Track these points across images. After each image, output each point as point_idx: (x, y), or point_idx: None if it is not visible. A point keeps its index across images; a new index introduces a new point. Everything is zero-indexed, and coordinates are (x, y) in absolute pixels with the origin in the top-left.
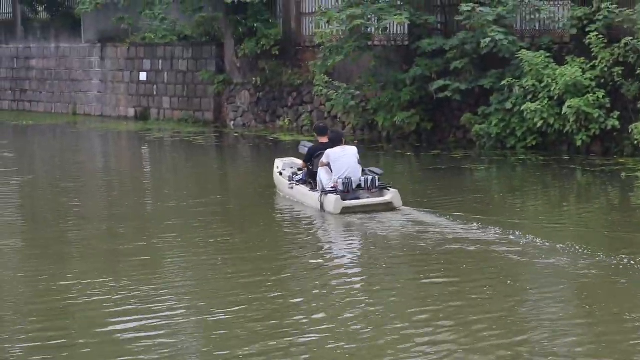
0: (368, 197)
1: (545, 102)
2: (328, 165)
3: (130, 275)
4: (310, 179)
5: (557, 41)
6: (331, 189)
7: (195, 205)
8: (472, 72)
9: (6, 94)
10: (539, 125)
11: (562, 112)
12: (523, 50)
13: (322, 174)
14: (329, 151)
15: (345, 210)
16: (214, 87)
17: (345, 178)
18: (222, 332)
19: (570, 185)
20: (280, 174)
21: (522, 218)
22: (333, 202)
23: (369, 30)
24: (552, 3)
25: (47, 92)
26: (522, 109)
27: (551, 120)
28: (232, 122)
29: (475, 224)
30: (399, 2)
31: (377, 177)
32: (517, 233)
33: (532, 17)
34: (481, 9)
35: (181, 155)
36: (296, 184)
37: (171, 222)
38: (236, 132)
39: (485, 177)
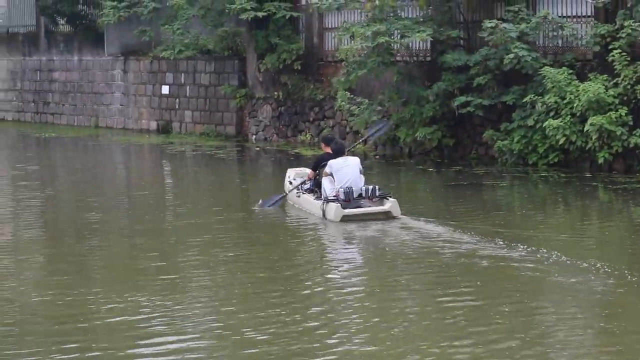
0: (369, 206)
1: (568, 119)
2: (331, 175)
3: (154, 293)
4: (316, 188)
5: (580, 58)
6: (333, 198)
7: (217, 221)
8: (495, 89)
9: (29, 106)
10: (561, 142)
11: (585, 130)
12: (546, 66)
13: (325, 183)
14: (331, 162)
15: (345, 218)
16: (236, 101)
17: (347, 187)
18: (254, 350)
19: (593, 203)
20: (290, 183)
21: (544, 235)
22: (334, 210)
23: (392, 46)
24: (575, 20)
25: (70, 105)
26: (544, 125)
27: (573, 137)
28: (254, 136)
29: (498, 241)
30: (422, 19)
31: (377, 187)
32: (541, 250)
33: (555, 34)
34: (504, 25)
35: (203, 169)
36: (303, 193)
37: (194, 238)
38: (257, 146)
39: (507, 194)
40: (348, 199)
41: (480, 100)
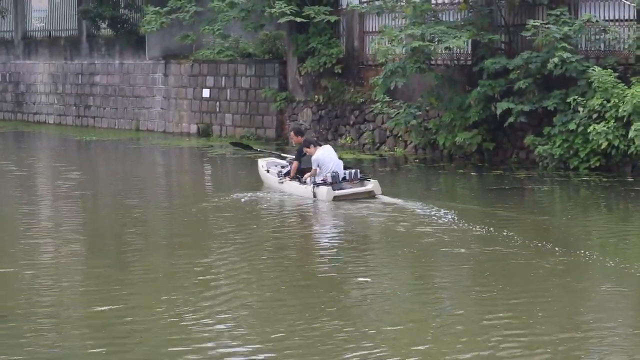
0: (351, 187)
1: (612, 123)
2: (317, 167)
3: (193, 300)
4: (298, 175)
5: (622, 62)
6: (321, 182)
7: (256, 225)
8: (536, 93)
9: (71, 109)
10: (603, 146)
11: (629, 136)
12: (595, 67)
13: (315, 174)
14: (317, 157)
15: (335, 198)
16: (276, 105)
17: (333, 172)
18: None
19: (635, 207)
20: (268, 171)
21: (588, 239)
22: (325, 192)
23: (429, 50)
24: (617, 24)
25: (111, 108)
26: (588, 130)
27: (616, 142)
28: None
29: (543, 244)
30: (462, 22)
31: (358, 170)
32: (585, 253)
33: (598, 37)
34: (549, 26)
35: (242, 172)
36: (285, 180)
37: (233, 242)
38: None
39: (549, 198)
40: (335, 181)
41: (522, 107)
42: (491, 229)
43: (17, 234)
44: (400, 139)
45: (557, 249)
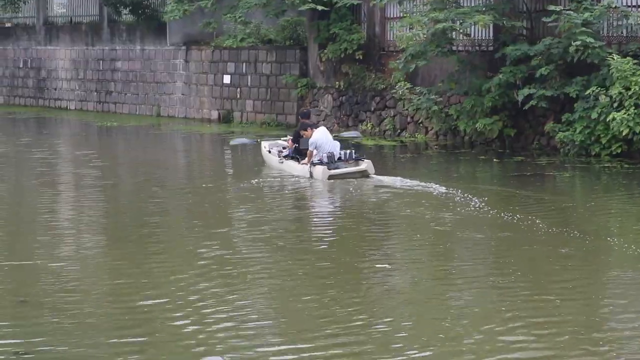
0: (346, 167)
1: (632, 110)
2: (315, 149)
3: (216, 293)
4: (297, 155)
5: None
6: (318, 162)
7: (277, 211)
8: (557, 79)
9: (92, 95)
10: (624, 133)
11: None
12: (613, 54)
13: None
14: (313, 139)
15: (331, 177)
16: (297, 91)
17: (329, 152)
18: None
19: None
20: (269, 151)
21: (611, 226)
22: (321, 171)
23: (451, 35)
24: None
25: (132, 94)
26: (607, 119)
27: (637, 129)
28: None
29: (566, 231)
30: (483, 8)
31: (353, 151)
32: (609, 238)
33: (620, 23)
34: (569, 12)
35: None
36: (286, 159)
37: (254, 231)
38: None
39: (571, 184)
40: (331, 161)
41: (543, 91)
42: (513, 215)
43: (41, 224)
44: (421, 125)
45: (580, 235)
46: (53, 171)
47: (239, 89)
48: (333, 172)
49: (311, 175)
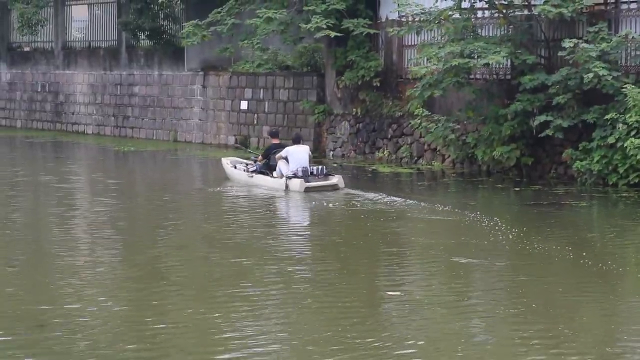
0: (319, 181)
1: None
2: (285, 158)
3: (232, 313)
4: (266, 170)
5: None
6: (293, 175)
7: (295, 234)
8: (575, 108)
9: (109, 119)
10: None
11: None
12: (628, 85)
13: (281, 164)
14: (288, 148)
15: (307, 190)
16: (314, 117)
17: (303, 167)
18: None
19: None
20: (235, 167)
21: (628, 255)
22: (298, 183)
23: (469, 65)
24: None
25: (149, 119)
26: (625, 145)
27: None
28: (331, 152)
29: (582, 260)
30: (501, 39)
31: (324, 167)
32: (627, 268)
33: (638, 52)
34: (584, 44)
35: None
36: (256, 174)
37: (271, 253)
38: (335, 163)
39: (588, 214)
40: (304, 175)
41: (560, 121)
42: (530, 244)
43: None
44: (438, 152)
45: (598, 265)
46: (68, 195)
47: (256, 115)
48: (308, 184)
49: (287, 188)
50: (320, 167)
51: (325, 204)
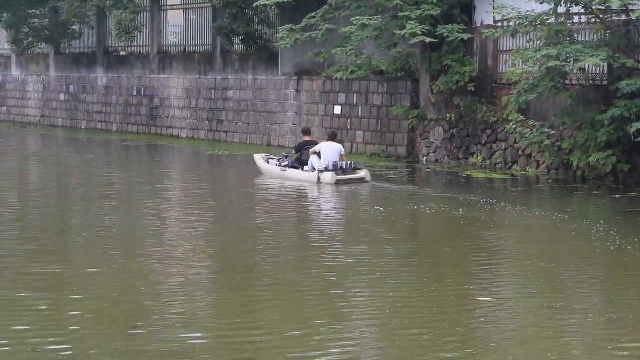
0: (348, 175)
1: None
2: (318, 153)
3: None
4: (298, 164)
5: None
6: (323, 169)
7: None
8: None
9: (203, 123)
10: None
11: None
12: None
13: (313, 159)
14: (322, 144)
15: (338, 182)
16: (407, 123)
17: (334, 162)
18: None
19: None
20: (268, 162)
21: None
22: (330, 176)
23: (565, 69)
24: None
25: (243, 123)
26: None
27: None
28: (425, 158)
29: None
30: (598, 43)
31: (352, 162)
32: None
33: None
34: None
35: (374, 191)
36: (287, 167)
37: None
38: (428, 168)
39: None
40: (335, 169)
41: None
42: (626, 251)
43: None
44: (532, 159)
45: None
46: (162, 200)
47: (349, 120)
48: (339, 177)
49: (319, 180)
50: (349, 162)
51: (423, 209)
